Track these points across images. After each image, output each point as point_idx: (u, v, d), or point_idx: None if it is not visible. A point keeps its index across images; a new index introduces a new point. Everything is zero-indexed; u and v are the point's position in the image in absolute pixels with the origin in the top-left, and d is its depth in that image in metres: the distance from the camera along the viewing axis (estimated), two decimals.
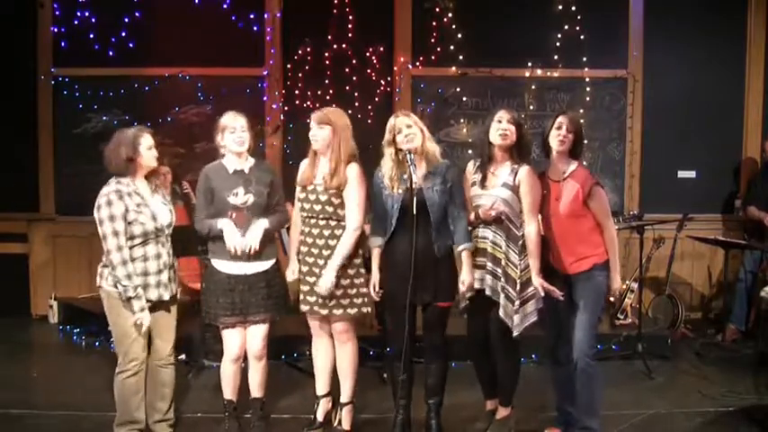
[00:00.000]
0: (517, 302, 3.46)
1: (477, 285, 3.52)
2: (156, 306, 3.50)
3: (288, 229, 4.04)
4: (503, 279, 3.48)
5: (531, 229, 3.46)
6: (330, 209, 3.55)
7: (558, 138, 3.49)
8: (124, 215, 3.36)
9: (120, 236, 3.35)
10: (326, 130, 3.55)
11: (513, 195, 3.48)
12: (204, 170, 3.65)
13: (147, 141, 3.48)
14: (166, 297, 3.51)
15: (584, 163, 3.63)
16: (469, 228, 3.54)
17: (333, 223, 3.57)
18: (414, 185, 3.37)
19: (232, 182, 3.58)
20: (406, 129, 3.48)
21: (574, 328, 3.49)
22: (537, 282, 3.44)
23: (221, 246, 3.58)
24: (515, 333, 3.47)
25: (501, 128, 3.50)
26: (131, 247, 3.40)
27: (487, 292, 3.50)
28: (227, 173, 3.61)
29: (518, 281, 3.46)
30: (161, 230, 3.48)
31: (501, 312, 3.46)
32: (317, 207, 3.57)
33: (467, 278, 3.50)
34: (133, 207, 3.39)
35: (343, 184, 3.53)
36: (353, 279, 3.61)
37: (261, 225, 3.56)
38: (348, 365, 3.72)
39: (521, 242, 3.48)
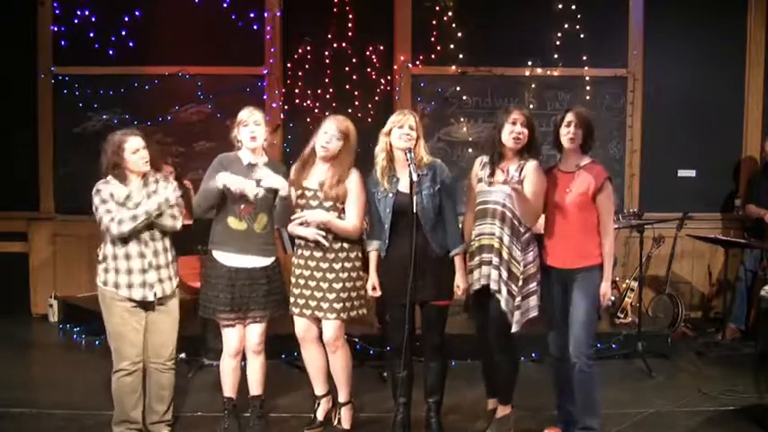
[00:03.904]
0: (518, 298, 3.46)
1: (484, 282, 3.49)
2: (148, 306, 3.48)
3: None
4: (506, 275, 3.46)
5: None
6: (335, 213, 3.54)
7: (567, 135, 3.49)
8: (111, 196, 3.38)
9: (110, 203, 3.35)
10: (341, 141, 3.54)
11: None
12: (219, 157, 3.62)
13: (131, 145, 3.39)
14: (150, 297, 3.44)
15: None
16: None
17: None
18: (413, 182, 3.34)
19: (245, 174, 3.54)
20: (408, 129, 3.47)
21: (571, 327, 3.49)
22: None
23: (224, 236, 3.56)
24: (514, 329, 3.46)
25: (516, 131, 3.47)
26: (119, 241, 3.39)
27: (493, 287, 3.47)
28: (241, 164, 3.59)
29: (520, 277, 3.46)
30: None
31: (503, 306, 3.44)
32: None
33: (461, 283, 3.51)
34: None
35: (344, 196, 3.53)
36: (355, 282, 3.62)
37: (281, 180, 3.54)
38: (342, 371, 3.71)
39: (524, 237, 3.48)
